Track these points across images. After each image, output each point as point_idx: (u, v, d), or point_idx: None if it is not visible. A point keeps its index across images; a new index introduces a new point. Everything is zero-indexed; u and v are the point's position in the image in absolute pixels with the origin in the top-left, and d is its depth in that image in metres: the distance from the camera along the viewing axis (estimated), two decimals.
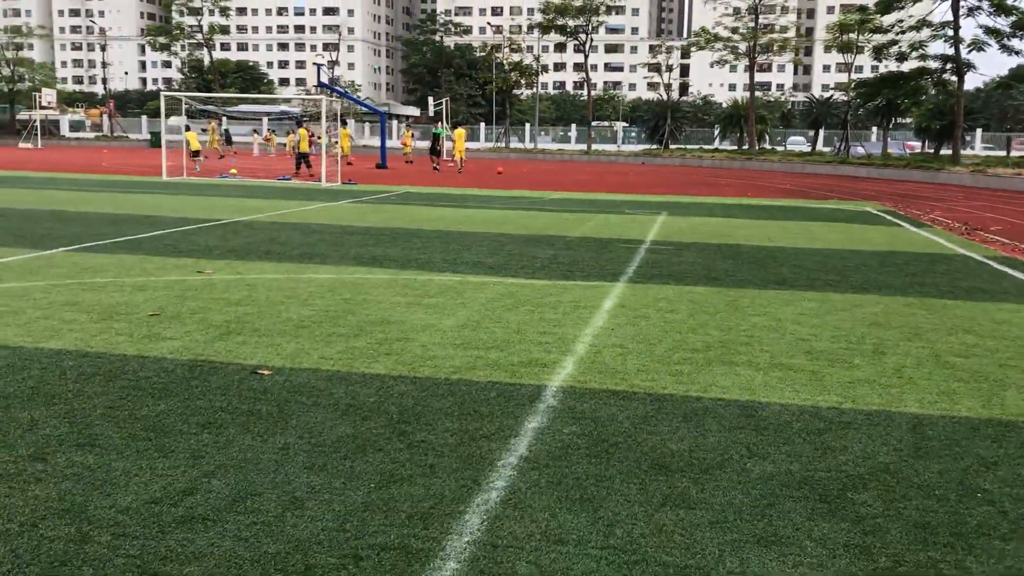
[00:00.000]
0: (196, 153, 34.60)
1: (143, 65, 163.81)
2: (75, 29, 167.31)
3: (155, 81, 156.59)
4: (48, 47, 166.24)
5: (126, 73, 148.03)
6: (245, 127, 65.54)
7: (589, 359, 6.57)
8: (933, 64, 39.74)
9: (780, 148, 65.62)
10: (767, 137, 64.67)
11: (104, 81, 79.09)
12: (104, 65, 77.94)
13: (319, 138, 45.01)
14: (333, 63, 65.54)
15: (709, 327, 7.79)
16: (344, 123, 45.15)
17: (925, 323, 8.17)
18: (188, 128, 36.09)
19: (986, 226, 17.94)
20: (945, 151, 47.54)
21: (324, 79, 38.87)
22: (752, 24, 55.06)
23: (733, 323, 7.98)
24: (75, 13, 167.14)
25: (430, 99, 51.30)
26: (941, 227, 17.74)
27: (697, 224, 17.06)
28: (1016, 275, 11.42)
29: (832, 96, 64.17)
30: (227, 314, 7.81)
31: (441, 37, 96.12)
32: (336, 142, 49.28)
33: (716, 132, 68.60)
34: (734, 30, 55.88)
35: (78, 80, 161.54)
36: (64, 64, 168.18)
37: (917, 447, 4.88)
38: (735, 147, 62.45)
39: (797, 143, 70.67)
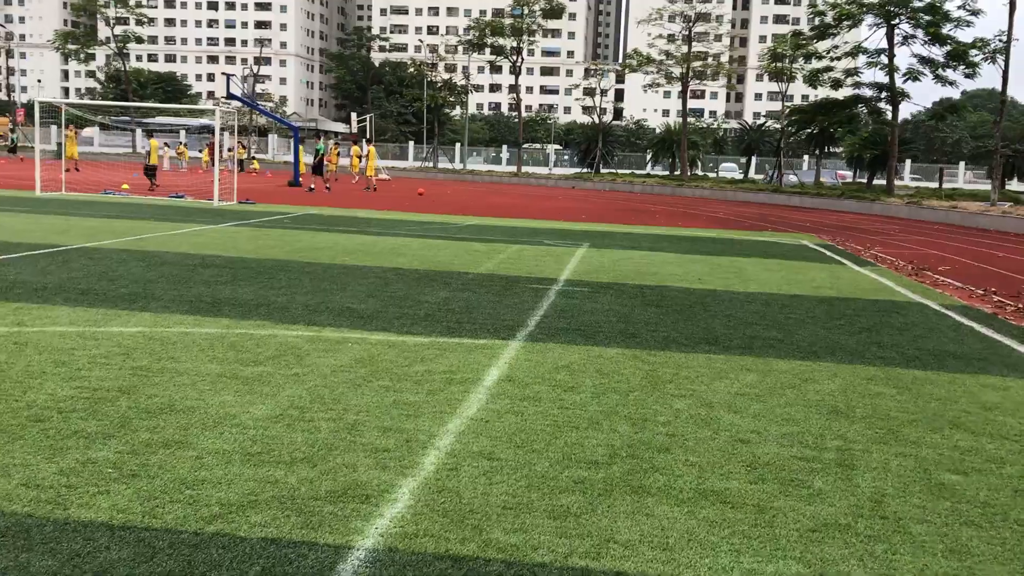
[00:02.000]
0: None
1: (65, 75, 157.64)
2: None
3: (77, 91, 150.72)
4: None
5: (39, 81, 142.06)
6: (158, 140, 62.09)
7: (437, 484, 4.47)
8: (868, 92, 38.91)
9: (712, 175, 64.77)
10: (699, 163, 63.75)
11: (8, 89, 74.75)
12: (11, 72, 73.78)
13: (230, 151, 42.52)
14: (255, 76, 62.74)
15: (618, 417, 5.77)
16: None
17: (897, 410, 6.29)
18: None
19: (933, 266, 16.42)
20: (878, 181, 46.91)
21: (236, 91, 36.44)
22: (685, 49, 54.07)
23: (650, 410, 5.98)
24: None
25: (353, 115, 48.93)
26: (886, 266, 16.16)
27: (619, 259, 15.16)
28: (983, 331, 9.69)
29: (765, 123, 63.64)
30: None
31: (368, 51, 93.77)
32: (238, 156, 46.71)
33: (648, 157, 67.53)
34: (667, 54, 54.82)
35: None
36: None
37: None
38: (667, 172, 61.35)
39: (729, 170, 70.01)
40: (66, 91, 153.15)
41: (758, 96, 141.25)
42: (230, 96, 35.22)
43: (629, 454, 5.07)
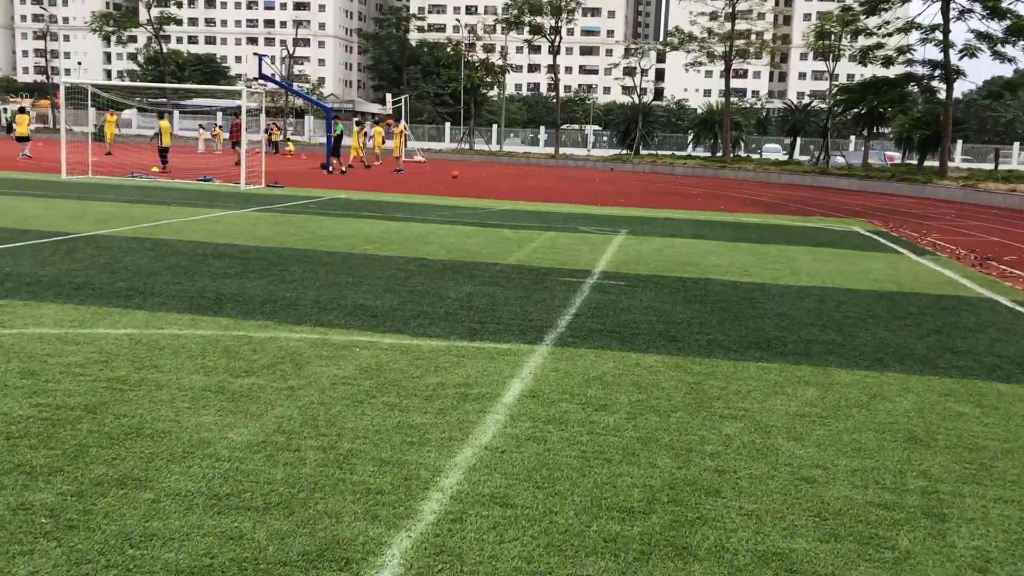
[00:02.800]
0: (23, 139, 33.44)
1: (108, 57, 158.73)
2: (38, 18, 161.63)
3: (119, 73, 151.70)
4: (9, 36, 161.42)
5: (79, 63, 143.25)
6: (194, 121, 61.97)
7: (435, 542, 3.67)
8: (921, 70, 37.29)
9: (755, 156, 63.17)
10: (742, 144, 62.21)
11: (48, 71, 75.08)
12: (53, 55, 74.29)
13: (266, 132, 42.00)
14: (291, 57, 62.28)
15: (657, 447, 4.93)
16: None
17: (986, 437, 5.37)
18: (23, 111, 34.67)
19: (998, 255, 15.28)
20: (929, 163, 45.21)
21: (268, 71, 35.90)
22: (728, 26, 52.51)
23: (695, 436, 5.13)
24: (37, 0, 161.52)
25: (388, 96, 48.19)
26: (946, 255, 15.06)
27: (660, 247, 14.23)
28: None
29: (811, 103, 61.90)
30: None
31: (405, 31, 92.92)
32: (274, 138, 46.25)
33: (689, 138, 66.07)
34: (710, 32, 53.30)
35: (40, 71, 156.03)
36: (26, 54, 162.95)
37: None
38: (709, 154, 59.92)
39: (773, 151, 68.25)
40: (108, 74, 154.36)
41: (802, 75, 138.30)
42: (262, 77, 34.69)
43: (671, 498, 4.23)
